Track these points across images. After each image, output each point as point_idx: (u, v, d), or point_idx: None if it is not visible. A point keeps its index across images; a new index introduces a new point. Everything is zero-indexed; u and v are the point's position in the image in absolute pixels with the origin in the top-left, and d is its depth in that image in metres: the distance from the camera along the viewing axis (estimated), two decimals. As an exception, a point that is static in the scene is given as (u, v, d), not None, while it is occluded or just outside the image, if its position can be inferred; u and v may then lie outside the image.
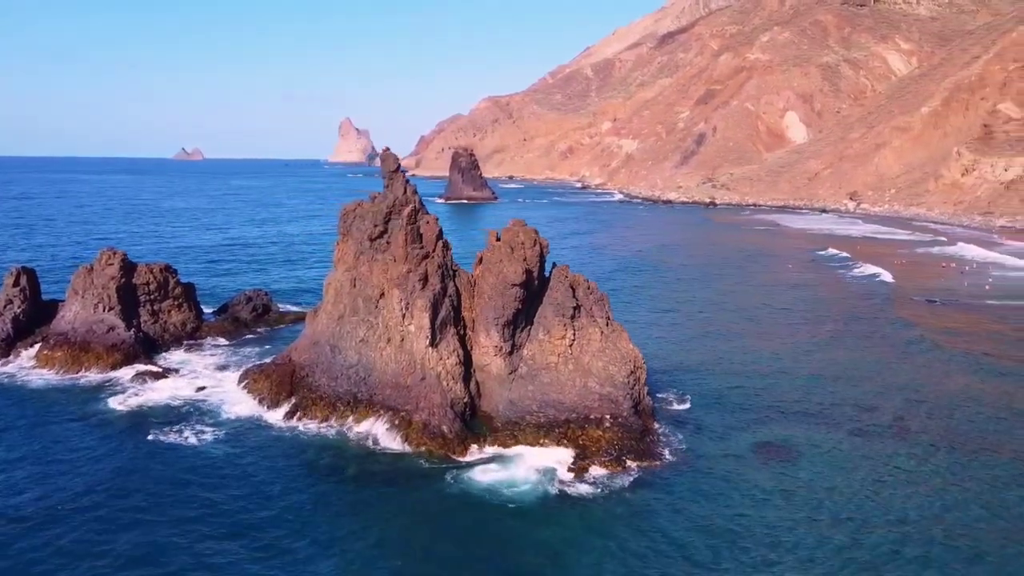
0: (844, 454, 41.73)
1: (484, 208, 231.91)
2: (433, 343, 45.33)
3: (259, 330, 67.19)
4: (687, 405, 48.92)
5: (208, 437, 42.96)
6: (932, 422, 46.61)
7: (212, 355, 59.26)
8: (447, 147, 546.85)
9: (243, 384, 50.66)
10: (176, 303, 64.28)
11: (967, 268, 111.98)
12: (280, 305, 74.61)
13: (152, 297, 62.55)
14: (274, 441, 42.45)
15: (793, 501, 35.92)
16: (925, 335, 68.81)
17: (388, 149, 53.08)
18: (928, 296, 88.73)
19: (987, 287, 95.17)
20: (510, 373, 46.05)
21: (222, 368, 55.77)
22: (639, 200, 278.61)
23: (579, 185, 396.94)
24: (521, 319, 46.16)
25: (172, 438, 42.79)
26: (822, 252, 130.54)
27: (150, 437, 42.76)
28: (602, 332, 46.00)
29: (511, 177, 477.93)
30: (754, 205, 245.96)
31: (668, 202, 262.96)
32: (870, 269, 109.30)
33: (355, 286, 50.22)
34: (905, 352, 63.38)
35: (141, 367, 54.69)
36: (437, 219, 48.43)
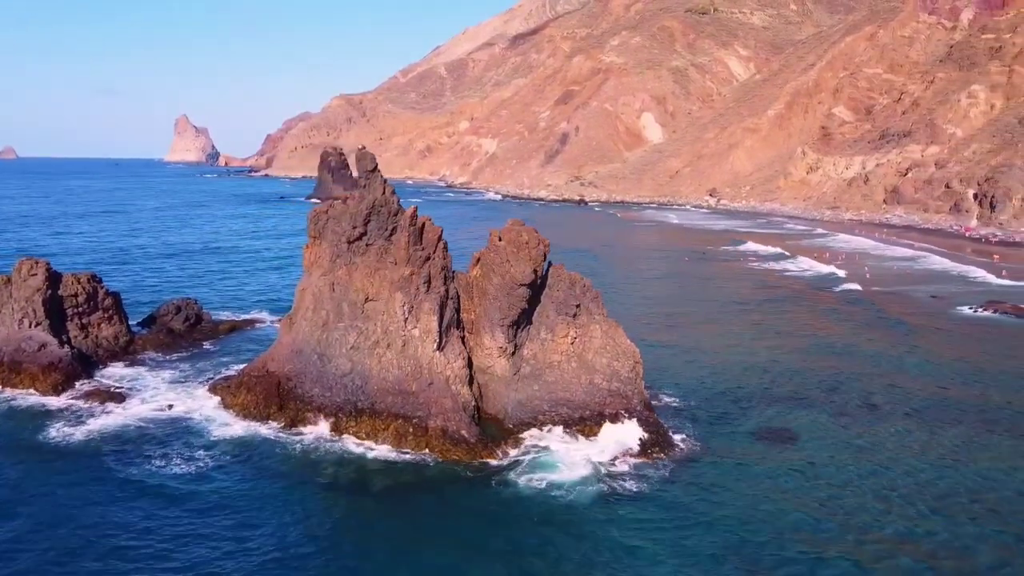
0: (834, 432, 44.82)
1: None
2: (440, 347, 44.32)
3: (198, 342, 62.60)
4: (675, 397, 50.55)
5: (204, 461, 39.36)
6: (894, 396, 51.15)
7: (161, 370, 54.66)
8: (300, 146, 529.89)
9: (219, 399, 47.25)
10: (106, 315, 58.76)
11: (841, 258, 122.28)
12: (211, 314, 69.85)
13: (80, 310, 56.83)
14: (284, 460, 39.81)
15: (813, 479, 38.37)
16: (864, 318, 75.35)
17: (364, 148, 51.21)
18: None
19: (867, 275, 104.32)
20: (514, 374, 45.83)
21: (180, 384, 51.59)
22: (512, 198, 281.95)
23: (443, 184, 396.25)
24: (523, 319, 46.03)
25: (159, 464, 38.74)
26: (742, 247, 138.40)
27: (133, 465, 38.56)
28: (602, 329, 46.74)
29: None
30: (622, 202, 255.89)
31: (540, 199, 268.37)
32: (804, 261, 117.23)
33: (334, 291, 48.18)
34: (854, 335, 69.32)
35: (89, 387, 49.75)
36: (431, 219, 47.28)
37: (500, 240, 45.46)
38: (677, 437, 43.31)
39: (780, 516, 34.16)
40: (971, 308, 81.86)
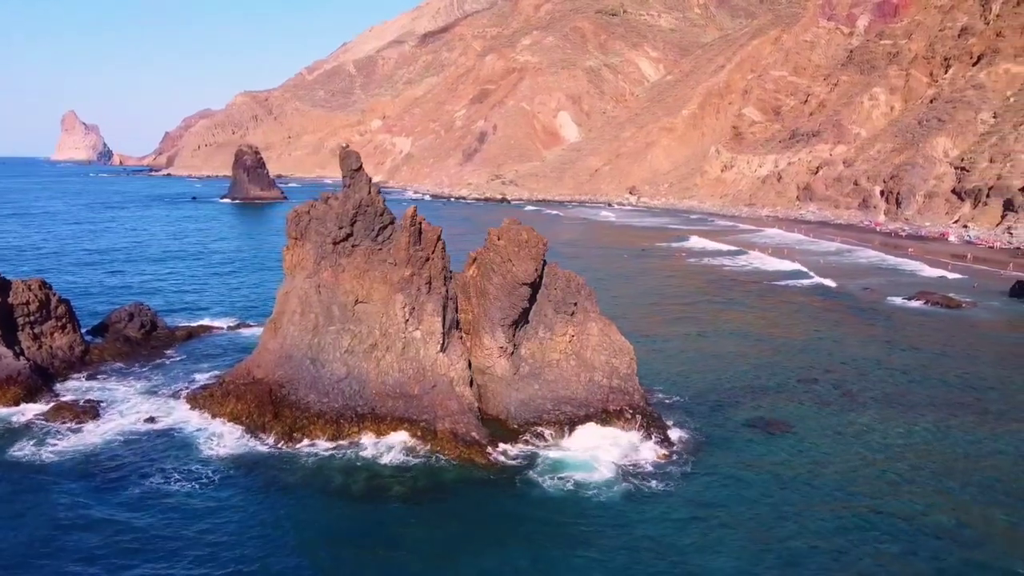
0: (823, 418, 46.84)
1: (277, 208, 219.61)
2: (443, 348, 43.60)
3: (158, 350, 59.33)
4: (665, 393, 51.32)
5: (206, 478, 37.01)
6: (862, 381, 53.60)
7: (127, 381, 51.52)
8: (204, 144, 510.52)
9: (204, 410, 44.99)
10: (59, 324, 55.07)
11: (768, 251, 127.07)
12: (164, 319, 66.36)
13: (32, 319, 53.06)
14: (291, 472, 38.00)
15: (816, 462, 40.03)
16: (819, 309, 78.61)
17: (348, 147, 49.73)
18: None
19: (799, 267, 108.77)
20: (514, 374, 45.53)
21: (153, 395, 48.76)
22: (435, 197, 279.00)
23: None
24: (522, 318, 45.81)
25: (158, 482, 36.30)
26: (688, 243, 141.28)
27: (129, 485, 35.96)
28: (598, 326, 47.01)
29: (280, 176, 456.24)
30: (545, 200, 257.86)
31: (462, 198, 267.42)
32: (751, 256, 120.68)
33: (321, 293, 46.73)
34: (818, 327, 72.39)
35: (55, 401, 46.44)
36: (426, 219, 46.43)
37: (499, 240, 45.05)
38: (679, 430, 44.09)
39: (798, 500, 35.54)
40: (903, 299, 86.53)
